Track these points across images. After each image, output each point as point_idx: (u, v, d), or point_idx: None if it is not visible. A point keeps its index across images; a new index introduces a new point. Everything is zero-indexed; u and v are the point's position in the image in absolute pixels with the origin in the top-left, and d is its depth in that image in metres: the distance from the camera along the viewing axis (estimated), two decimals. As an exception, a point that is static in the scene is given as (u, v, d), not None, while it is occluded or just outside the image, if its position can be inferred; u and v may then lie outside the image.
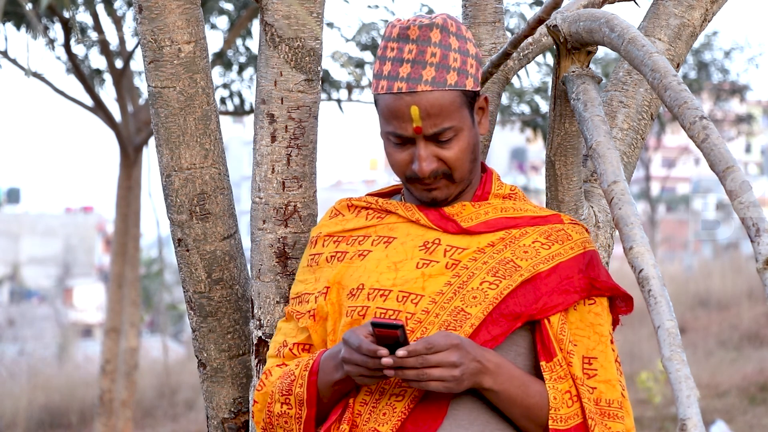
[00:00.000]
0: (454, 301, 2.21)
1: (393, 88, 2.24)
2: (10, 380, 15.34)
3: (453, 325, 2.19)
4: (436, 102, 2.23)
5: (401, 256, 2.27)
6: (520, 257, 2.24)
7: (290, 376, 2.27)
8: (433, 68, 2.24)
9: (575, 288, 2.24)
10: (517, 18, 7.58)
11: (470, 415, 2.20)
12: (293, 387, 2.25)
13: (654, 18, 2.72)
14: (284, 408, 2.26)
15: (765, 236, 1.88)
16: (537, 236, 2.27)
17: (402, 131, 2.24)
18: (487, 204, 2.32)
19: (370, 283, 2.25)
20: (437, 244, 2.27)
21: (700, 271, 21.71)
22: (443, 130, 2.24)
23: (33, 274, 43.43)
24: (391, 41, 2.27)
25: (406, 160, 2.26)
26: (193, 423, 13.83)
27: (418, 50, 2.24)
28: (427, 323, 2.20)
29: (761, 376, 12.93)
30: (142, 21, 2.52)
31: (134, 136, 9.95)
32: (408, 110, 2.22)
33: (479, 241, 2.26)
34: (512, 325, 2.21)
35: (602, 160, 2.20)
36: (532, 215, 2.31)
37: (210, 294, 2.60)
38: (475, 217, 2.29)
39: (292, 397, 2.25)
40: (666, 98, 2.07)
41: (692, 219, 44.26)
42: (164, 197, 2.60)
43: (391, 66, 2.25)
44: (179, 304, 23.59)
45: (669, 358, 1.90)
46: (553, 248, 2.26)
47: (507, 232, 2.27)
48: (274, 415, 2.27)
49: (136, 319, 10.20)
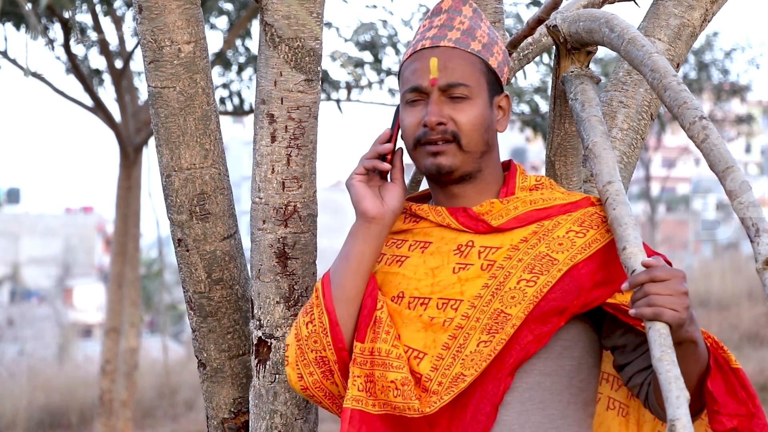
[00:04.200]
0: (494, 303, 2.18)
1: (417, 47, 2.29)
2: (10, 380, 15.33)
3: (495, 327, 2.16)
4: (456, 57, 2.26)
5: (437, 262, 2.25)
6: (555, 250, 2.21)
7: (309, 299, 2.29)
8: (459, 32, 2.28)
9: (611, 278, 2.19)
10: (513, 19, 7.58)
11: (520, 418, 2.18)
12: (312, 303, 2.26)
13: (654, 18, 2.72)
14: (310, 328, 2.25)
15: (765, 236, 1.89)
16: (570, 225, 2.24)
17: (418, 83, 2.25)
18: (516, 198, 2.29)
19: (410, 291, 2.24)
20: (471, 246, 2.25)
21: (700, 272, 21.71)
22: (457, 84, 2.25)
23: (33, 274, 43.41)
24: (423, 20, 2.33)
25: (418, 120, 2.26)
26: (193, 423, 13.82)
27: (447, 17, 2.30)
28: (468, 328, 2.18)
29: (761, 376, 12.92)
30: (141, 21, 2.52)
31: (134, 136, 9.95)
32: (427, 62, 2.25)
33: (512, 238, 2.23)
34: (559, 322, 2.17)
35: (598, 160, 2.20)
36: (562, 203, 2.27)
37: (210, 294, 2.60)
38: (504, 214, 2.26)
39: (315, 310, 2.25)
40: (666, 98, 2.07)
41: (692, 219, 44.24)
42: (164, 197, 2.60)
43: (420, 36, 2.31)
44: (179, 304, 23.61)
45: (659, 359, 1.91)
46: (588, 234, 2.22)
47: (539, 225, 2.24)
48: (303, 342, 2.26)
49: (136, 319, 10.19)
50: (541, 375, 2.20)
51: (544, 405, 2.20)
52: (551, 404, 2.20)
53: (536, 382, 2.20)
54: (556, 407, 2.21)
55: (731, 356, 2.22)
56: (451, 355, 2.18)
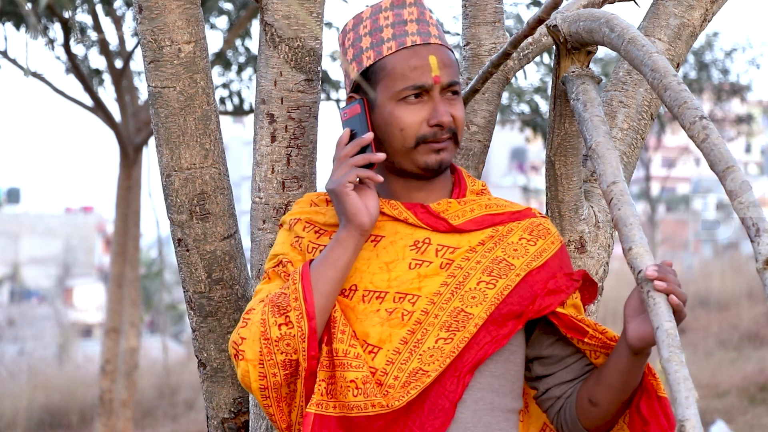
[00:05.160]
0: (453, 302, 2.20)
1: (406, 43, 2.25)
2: (10, 380, 15.33)
3: (455, 325, 2.18)
4: (447, 55, 2.27)
5: (392, 256, 2.25)
6: (511, 255, 2.25)
7: (281, 297, 2.18)
8: (435, 28, 2.29)
9: (560, 287, 2.25)
10: (513, 19, 7.58)
11: (474, 417, 2.21)
12: (289, 305, 2.17)
13: (654, 18, 2.72)
14: (284, 330, 2.16)
15: (765, 236, 1.88)
16: (521, 233, 2.28)
17: (422, 81, 2.23)
18: (472, 201, 2.31)
19: (364, 285, 2.23)
20: (428, 243, 2.25)
21: (700, 271, 21.72)
22: (455, 83, 2.27)
23: (33, 274, 43.41)
24: (381, 12, 2.28)
25: (421, 118, 2.24)
26: (193, 423, 13.82)
27: (418, 11, 2.29)
28: (427, 324, 2.19)
29: (761, 376, 12.92)
30: (142, 21, 2.52)
31: (134, 136, 9.95)
32: (426, 60, 2.24)
33: (469, 240, 2.26)
34: (516, 326, 2.22)
35: (601, 160, 2.20)
36: (511, 210, 2.32)
37: (210, 294, 2.60)
38: (462, 215, 2.28)
39: (293, 313, 2.16)
40: (666, 98, 2.07)
41: (692, 219, 44.24)
42: (164, 197, 2.60)
43: (394, 29, 2.27)
44: (179, 304, 23.59)
45: (668, 359, 1.90)
46: (539, 243, 2.28)
47: (494, 230, 2.28)
48: (272, 343, 2.17)
49: (136, 319, 10.20)
50: (492, 377, 2.23)
51: (492, 406, 2.23)
52: (498, 406, 2.24)
53: (488, 383, 2.23)
54: (501, 410, 2.24)
55: (660, 384, 2.27)
56: (408, 349, 2.18)
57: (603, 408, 2.23)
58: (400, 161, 2.27)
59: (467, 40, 2.85)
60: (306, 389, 2.18)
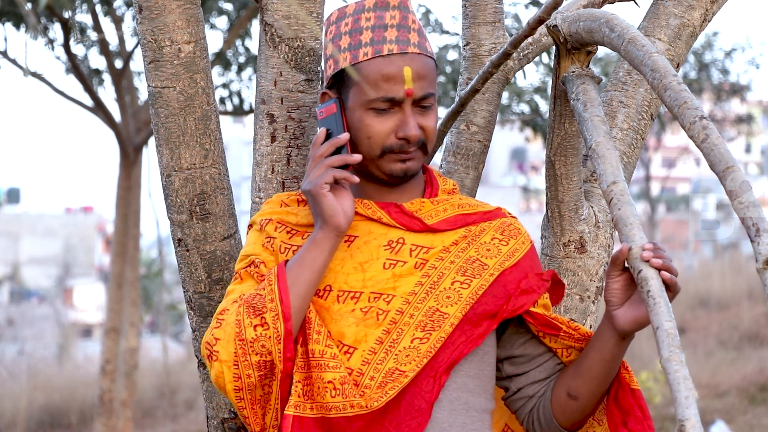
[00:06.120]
0: (428, 302, 2.20)
1: (383, 51, 2.21)
2: (10, 380, 15.34)
3: (430, 325, 2.18)
4: (424, 66, 2.23)
5: (366, 256, 2.24)
6: (484, 255, 2.25)
7: (257, 298, 2.16)
8: (416, 34, 2.25)
9: (533, 287, 2.26)
10: (512, 19, 7.59)
11: (450, 417, 2.21)
12: (264, 306, 2.15)
13: (654, 18, 2.72)
14: (259, 331, 2.14)
15: (765, 236, 1.88)
16: (493, 233, 2.29)
17: (393, 94, 2.20)
18: (444, 200, 2.31)
19: (339, 285, 2.22)
20: (402, 243, 2.25)
21: (700, 271, 21.71)
22: (429, 95, 2.23)
23: (33, 274, 43.42)
24: (363, 12, 2.25)
25: (389, 129, 2.22)
26: (193, 423, 13.82)
27: (401, 15, 2.24)
28: (402, 324, 2.19)
29: (761, 376, 12.92)
30: (142, 21, 2.52)
31: (134, 136, 9.96)
32: (401, 72, 2.20)
33: (443, 240, 2.26)
34: (491, 325, 2.22)
35: (602, 160, 2.20)
36: (483, 210, 2.32)
37: (210, 294, 2.60)
38: (435, 215, 2.28)
39: (269, 314, 2.14)
40: (666, 98, 2.06)
41: (692, 219, 44.23)
42: (164, 197, 2.60)
43: (373, 33, 2.23)
44: (179, 304, 23.62)
45: (668, 359, 1.90)
46: (510, 244, 2.28)
47: (467, 230, 2.28)
48: (247, 343, 2.15)
49: (136, 319, 10.20)
50: (467, 377, 2.23)
51: (468, 406, 2.23)
52: (473, 406, 2.24)
53: (463, 383, 2.23)
54: (476, 410, 2.24)
55: (633, 377, 2.29)
56: (384, 349, 2.17)
57: (583, 401, 2.24)
58: (367, 165, 2.25)
59: (467, 40, 2.85)
60: (282, 391, 2.17)
